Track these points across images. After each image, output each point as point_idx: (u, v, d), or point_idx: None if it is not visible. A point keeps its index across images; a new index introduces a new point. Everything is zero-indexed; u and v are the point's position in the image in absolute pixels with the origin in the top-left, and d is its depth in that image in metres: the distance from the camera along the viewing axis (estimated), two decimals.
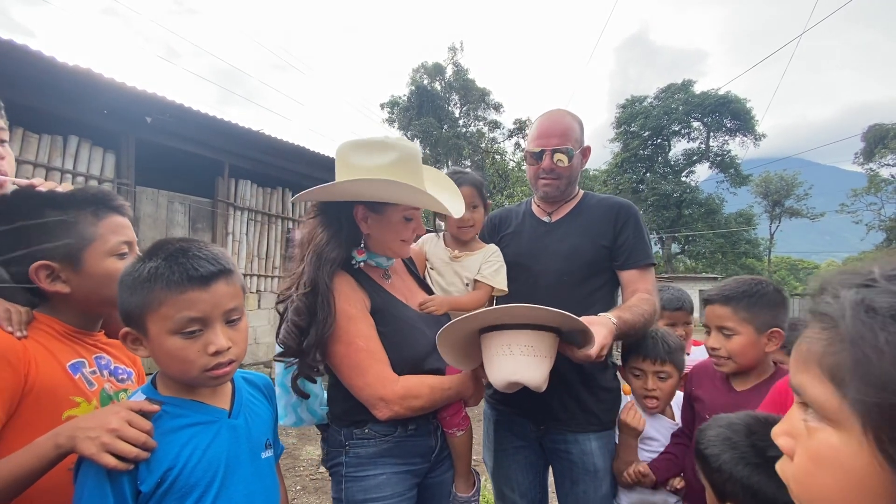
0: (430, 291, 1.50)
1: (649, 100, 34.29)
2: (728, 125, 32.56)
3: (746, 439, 0.88)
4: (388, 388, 1.15)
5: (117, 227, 0.99)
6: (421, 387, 1.21)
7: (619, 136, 34.61)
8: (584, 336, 1.18)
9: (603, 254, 1.54)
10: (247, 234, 6.61)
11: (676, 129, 33.23)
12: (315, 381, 1.23)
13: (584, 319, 1.21)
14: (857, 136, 30.13)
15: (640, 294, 1.47)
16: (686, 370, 1.52)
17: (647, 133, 33.13)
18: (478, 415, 1.73)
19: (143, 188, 5.43)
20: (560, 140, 1.52)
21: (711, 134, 33.24)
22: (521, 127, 35.68)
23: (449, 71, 34.28)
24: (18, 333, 0.84)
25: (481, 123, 35.07)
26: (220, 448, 0.88)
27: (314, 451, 3.92)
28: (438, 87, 34.17)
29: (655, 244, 35.28)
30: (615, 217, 1.55)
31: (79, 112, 4.62)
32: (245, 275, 6.50)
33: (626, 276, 1.54)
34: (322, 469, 3.57)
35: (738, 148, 33.07)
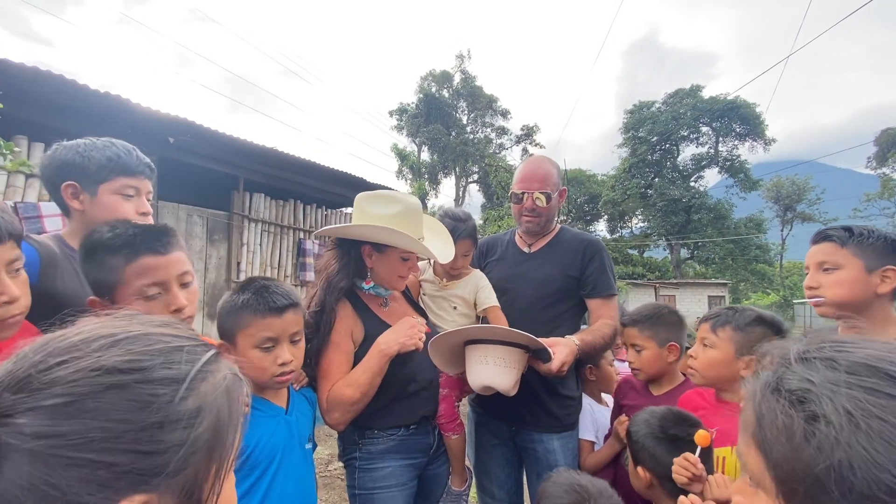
0: (423, 314, 1.74)
1: (657, 105, 34.22)
2: (737, 130, 32.38)
3: (659, 421, 1.19)
4: (322, 406, 1.37)
5: (147, 270, 1.01)
6: (338, 393, 1.33)
7: (626, 142, 34.56)
8: (549, 354, 1.43)
9: (571, 283, 1.77)
10: (260, 245, 6.92)
11: (685, 134, 33.13)
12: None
13: (551, 340, 1.46)
14: (871, 140, 29.81)
15: (603, 319, 1.71)
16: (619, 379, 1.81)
17: (655, 138, 33.05)
18: (463, 416, 1.97)
19: (164, 202, 5.77)
20: (540, 184, 1.76)
21: (720, 139, 33.07)
22: (528, 133, 35.86)
23: (457, 78, 34.54)
24: None
25: (489, 130, 35.33)
26: (280, 437, 1.15)
27: (323, 451, 4.18)
28: (446, 95, 34.44)
29: (664, 249, 35.13)
30: (583, 252, 1.78)
31: (108, 133, 4.95)
32: None
33: (592, 303, 1.77)
34: (330, 467, 3.84)
35: (748, 153, 32.89)
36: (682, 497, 0.95)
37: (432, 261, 1.86)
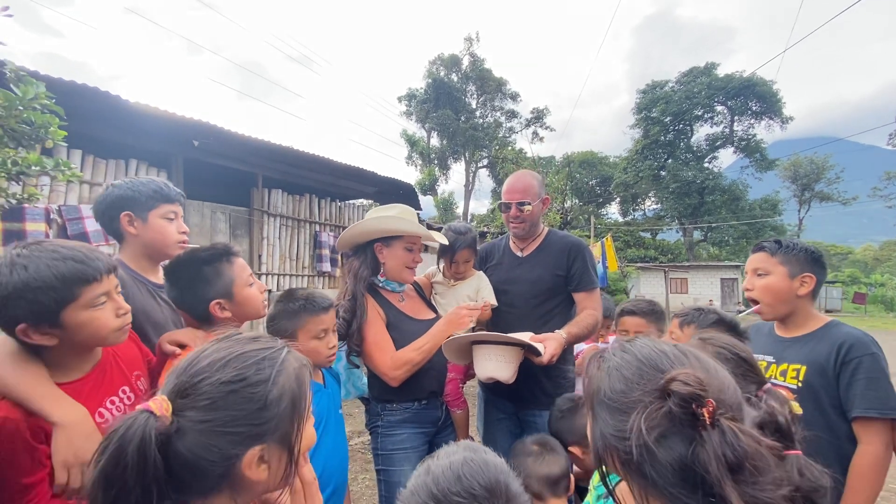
0: (435, 310, 2.05)
1: (671, 84, 33.34)
2: (753, 108, 31.46)
3: (568, 400, 1.47)
4: (386, 367, 1.70)
5: (243, 266, 1.37)
6: (405, 356, 1.70)
7: (639, 122, 33.83)
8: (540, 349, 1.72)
9: (559, 281, 2.06)
10: (279, 238, 7.29)
11: (699, 113, 32.31)
12: (360, 356, 1.80)
13: (542, 336, 1.76)
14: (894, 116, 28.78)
15: (587, 311, 2.00)
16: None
17: (668, 119, 32.30)
18: (469, 396, 2.30)
19: (190, 201, 6.14)
20: (521, 195, 2.05)
21: (736, 118, 32.20)
22: (538, 116, 35.44)
23: (465, 62, 34.02)
24: None
25: (498, 113, 34.93)
26: (324, 405, 1.50)
27: (347, 426, 4.59)
28: (455, 79, 34.01)
29: (677, 232, 34.76)
30: (567, 253, 2.07)
31: (137, 139, 5.34)
32: (278, 275, 7.21)
33: (578, 297, 2.06)
34: (352, 442, 4.25)
35: (765, 132, 31.97)
36: None
37: (441, 266, 2.18)
